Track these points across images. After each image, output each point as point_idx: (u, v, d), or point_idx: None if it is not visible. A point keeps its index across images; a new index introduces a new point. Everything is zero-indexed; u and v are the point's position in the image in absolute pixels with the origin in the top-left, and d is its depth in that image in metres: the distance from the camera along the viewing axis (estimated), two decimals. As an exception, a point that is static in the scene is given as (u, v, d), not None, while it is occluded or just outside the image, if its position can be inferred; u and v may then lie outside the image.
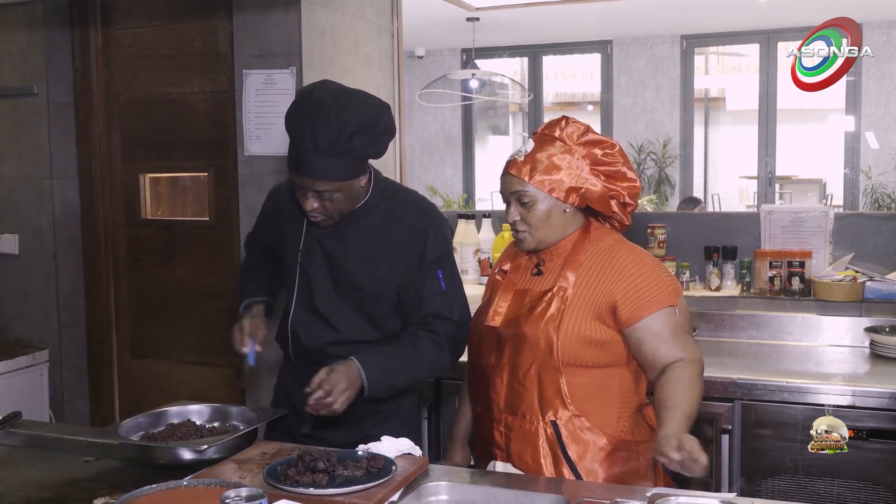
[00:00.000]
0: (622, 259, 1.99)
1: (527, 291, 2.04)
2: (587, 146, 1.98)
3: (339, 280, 2.20)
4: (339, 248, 2.19)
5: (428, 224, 2.20)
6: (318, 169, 2.01)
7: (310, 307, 2.23)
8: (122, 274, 3.81)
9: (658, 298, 1.95)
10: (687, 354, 1.96)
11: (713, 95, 11.44)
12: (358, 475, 1.78)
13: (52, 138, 3.72)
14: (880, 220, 3.46)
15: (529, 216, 1.98)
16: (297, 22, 3.25)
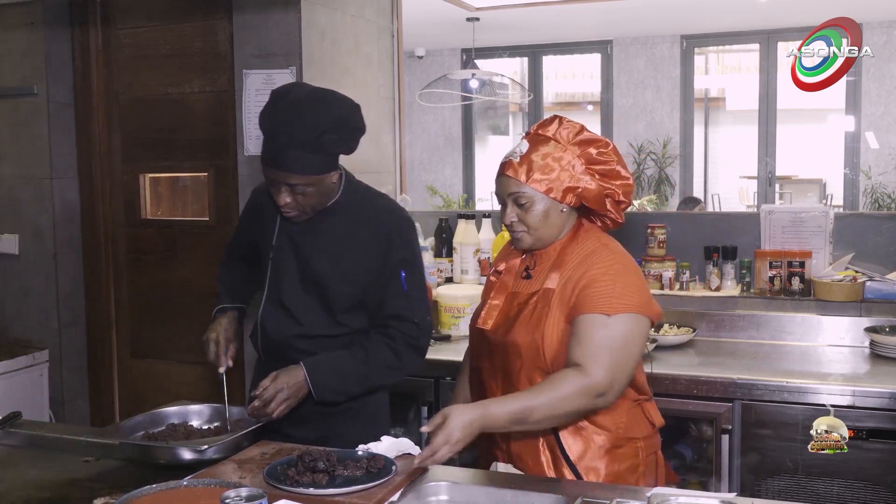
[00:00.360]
0: (596, 258, 1.96)
1: (516, 294, 2.04)
2: (582, 145, 1.98)
3: (305, 275, 2.26)
4: (308, 244, 2.26)
5: (394, 228, 2.26)
6: (292, 163, 2.08)
7: (277, 301, 2.29)
8: (122, 274, 3.81)
9: (603, 303, 1.88)
10: (587, 366, 1.83)
11: (713, 95, 11.44)
12: (358, 475, 1.78)
13: (52, 138, 3.72)
14: (880, 220, 3.46)
15: (527, 217, 1.98)
16: (297, 22, 3.25)
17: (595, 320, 1.87)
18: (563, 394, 1.82)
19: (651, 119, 10.08)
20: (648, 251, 3.54)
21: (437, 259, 3.72)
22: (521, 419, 1.81)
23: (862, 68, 9.08)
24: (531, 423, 1.83)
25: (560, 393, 1.81)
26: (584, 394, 1.83)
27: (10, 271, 3.81)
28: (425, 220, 3.93)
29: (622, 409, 2.01)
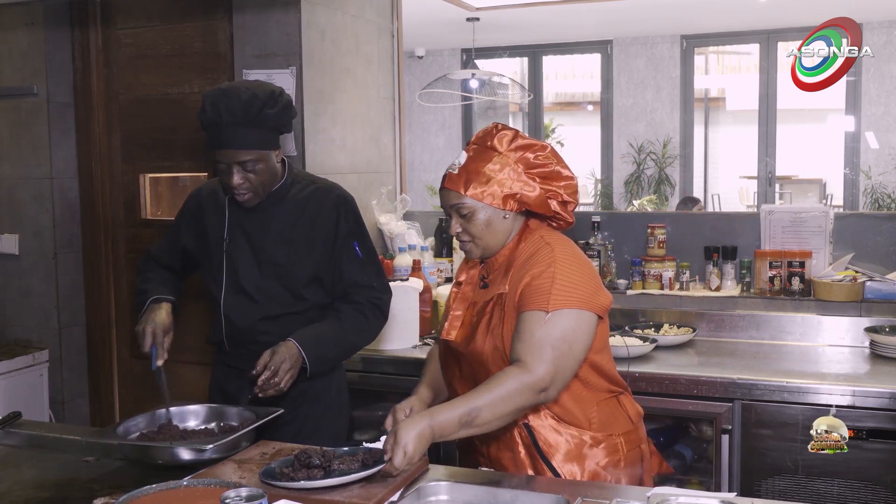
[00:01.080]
0: (539, 255, 1.96)
1: (475, 304, 2.07)
2: (518, 151, 1.99)
3: (261, 260, 2.40)
4: (260, 231, 2.39)
5: (337, 204, 2.44)
6: (239, 139, 2.25)
7: (238, 288, 2.40)
8: (122, 274, 3.81)
9: (535, 299, 1.89)
10: (528, 361, 1.84)
11: (713, 95, 11.44)
12: (353, 467, 1.78)
13: (52, 138, 3.72)
14: (880, 220, 3.46)
15: (471, 227, 2.00)
16: (297, 22, 3.25)
17: (534, 317, 1.88)
18: (507, 392, 1.83)
19: (651, 119, 10.08)
20: (648, 251, 3.54)
21: (437, 259, 3.72)
22: (468, 421, 1.82)
23: (862, 68, 9.08)
24: (480, 425, 1.83)
25: (503, 391, 1.82)
26: (526, 390, 1.84)
27: (10, 271, 3.81)
28: (425, 220, 3.93)
29: (590, 403, 2.00)
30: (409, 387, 3.11)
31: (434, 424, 1.80)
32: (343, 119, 3.55)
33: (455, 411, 1.81)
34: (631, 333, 3.23)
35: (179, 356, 3.64)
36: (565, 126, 11.81)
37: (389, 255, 3.73)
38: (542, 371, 1.84)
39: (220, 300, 2.42)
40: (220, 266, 2.42)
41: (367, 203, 3.73)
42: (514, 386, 1.83)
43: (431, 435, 1.79)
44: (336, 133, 3.51)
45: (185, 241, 2.52)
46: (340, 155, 3.54)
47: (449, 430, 1.81)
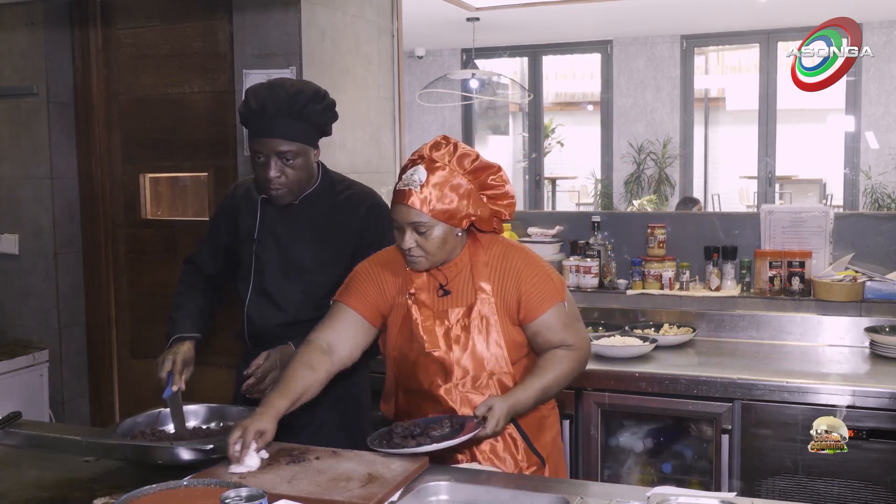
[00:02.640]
0: (516, 262, 2.10)
1: (446, 312, 2.09)
2: (476, 173, 2.05)
3: (288, 264, 2.39)
4: (290, 233, 2.38)
5: (369, 212, 2.41)
6: (283, 129, 2.24)
7: (262, 290, 2.40)
8: (122, 274, 3.82)
9: (550, 297, 2.08)
10: (574, 341, 2.11)
11: (713, 95, 11.45)
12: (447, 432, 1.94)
13: (52, 138, 3.72)
14: (880, 220, 3.46)
15: (426, 243, 2.02)
16: (297, 22, 3.25)
17: (556, 310, 2.09)
18: (568, 369, 2.09)
19: (651, 119, 10.08)
20: (648, 251, 3.55)
21: (437, 259, 3.72)
22: (541, 398, 2.06)
23: (862, 68, 9.08)
24: (545, 401, 2.11)
25: (565, 369, 2.08)
26: (580, 363, 2.13)
27: (10, 271, 3.81)
28: (425, 220, 3.92)
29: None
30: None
31: (518, 404, 1.99)
32: (343, 119, 3.52)
33: (531, 391, 2.02)
34: (631, 333, 3.23)
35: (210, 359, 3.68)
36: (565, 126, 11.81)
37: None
38: (587, 343, 2.16)
39: (246, 300, 2.41)
40: (249, 266, 2.41)
41: (367, 203, 3.73)
42: (572, 364, 2.10)
43: (514, 412, 1.99)
44: (336, 133, 3.49)
45: (225, 239, 2.48)
46: (340, 155, 3.54)
47: (526, 407, 2.03)
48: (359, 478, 1.80)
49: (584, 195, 11.73)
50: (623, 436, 3.08)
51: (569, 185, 12.00)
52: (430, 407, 2.11)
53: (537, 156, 10.95)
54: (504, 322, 2.07)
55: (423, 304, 2.10)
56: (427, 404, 2.12)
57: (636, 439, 3.06)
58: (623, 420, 3.06)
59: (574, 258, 3.63)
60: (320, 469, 1.86)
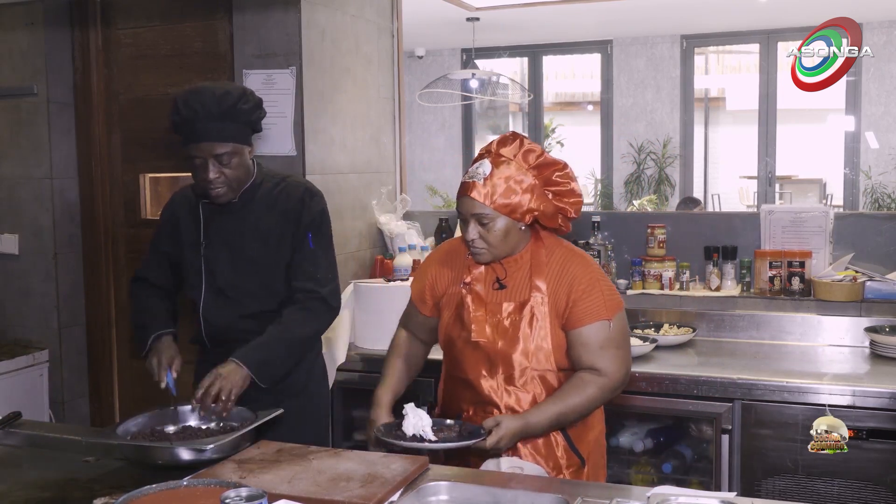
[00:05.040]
0: (574, 270, 2.12)
1: (500, 305, 2.12)
2: (541, 169, 2.08)
3: (237, 259, 2.45)
4: (236, 230, 2.44)
5: (303, 196, 2.47)
6: (216, 132, 2.30)
7: (215, 289, 2.46)
8: (122, 274, 3.81)
9: (595, 312, 2.08)
10: (604, 368, 2.07)
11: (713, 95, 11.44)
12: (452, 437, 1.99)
13: (52, 138, 3.72)
14: (880, 220, 3.46)
15: (489, 236, 2.07)
16: (297, 22, 3.25)
17: (598, 327, 2.08)
18: (590, 396, 2.06)
19: (651, 119, 10.08)
20: (648, 251, 3.55)
21: (437, 259, 3.72)
22: (556, 425, 2.06)
23: (862, 68, 9.07)
24: (564, 425, 2.08)
25: (587, 396, 2.06)
26: (606, 392, 2.09)
27: (10, 271, 3.81)
28: (425, 220, 3.93)
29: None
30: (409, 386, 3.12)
31: (528, 427, 2.02)
32: (343, 119, 3.55)
33: (545, 416, 2.03)
34: (631, 333, 3.22)
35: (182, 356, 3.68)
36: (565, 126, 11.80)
37: (389, 255, 3.74)
38: (619, 374, 2.10)
39: (199, 302, 2.47)
40: (198, 269, 2.47)
41: (367, 203, 3.74)
42: (596, 391, 2.07)
43: (524, 433, 2.02)
44: (336, 133, 3.51)
45: (167, 249, 2.55)
46: (340, 155, 3.54)
47: (539, 432, 2.05)
48: (359, 478, 1.80)
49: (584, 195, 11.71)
50: (623, 436, 3.08)
51: (569, 185, 11.98)
52: (468, 396, 2.14)
53: (537, 156, 10.92)
54: (554, 324, 2.09)
55: (476, 295, 2.13)
56: (466, 393, 2.15)
57: (636, 439, 3.06)
58: (623, 420, 3.06)
59: (574, 258, 3.62)
60: (320, 469, 1.86)
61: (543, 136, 11.15)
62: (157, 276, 2.58)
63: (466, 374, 2.15)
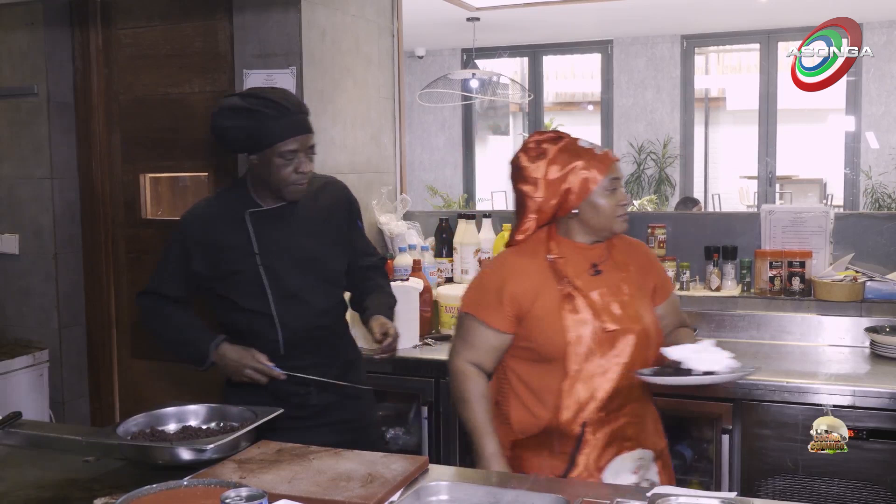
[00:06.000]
0: (643, 248, 2.28)
1: (608, 290, 2.12)
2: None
3: (299, 260, 2.42)
4: (288, 232, 2.42)
5: (345, 189, 2.59)
6: (306, 124, 2.38)
7: (286, 295, 2.41)
8: (122, 274, 3.81)
9: (670, 282, 2.32)
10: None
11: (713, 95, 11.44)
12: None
13: (52, 138, 3.72)
14: (880, 220, 3.46)
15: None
16: (297, 22, 3.25)
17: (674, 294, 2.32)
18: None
19: (651, 119, 10.08)
20: (648, 251, 3.54)
21: (437, 259, 3.72)
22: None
23: (862, 68, 9.07)
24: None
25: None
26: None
27: (10, 271, 3.81)
28: (425, 220, 3.93)
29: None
30: (409, 386, 3.13)
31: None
32: (343, 119, 3.55)
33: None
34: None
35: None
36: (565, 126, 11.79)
37: (390, 255, 3.73)
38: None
39: (271, 311, 2.39)
40: (259, 280, 2.39)
41: (368, 203, 3.73)
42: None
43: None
44: (336, 133, 3.51)
45: (199, 268, 2.42)
46: (340, 155, 3.54)
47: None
48: (359, 478, 1.80)
49: (584, 195, 11.70)
50: (623, 436, 3.07)
51: (569, 185, 11.97)
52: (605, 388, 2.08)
53: (537, 156, 10.92)
54: (648, 298, 2.18)
55: (580, 289, 2.10)
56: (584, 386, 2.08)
57: (636, 439, 3.06)
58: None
59: (574, 258, 3.62)
60: (320, 469, 1.86)
61: (543, 136, 11.12)
62: (174, 291, 2.47)
63: (602, 366, 2.07)
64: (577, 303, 2.08)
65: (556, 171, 2.09)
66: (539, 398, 2.10)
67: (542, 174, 2.09)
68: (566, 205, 2.10)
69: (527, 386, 2.13)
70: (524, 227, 2.15)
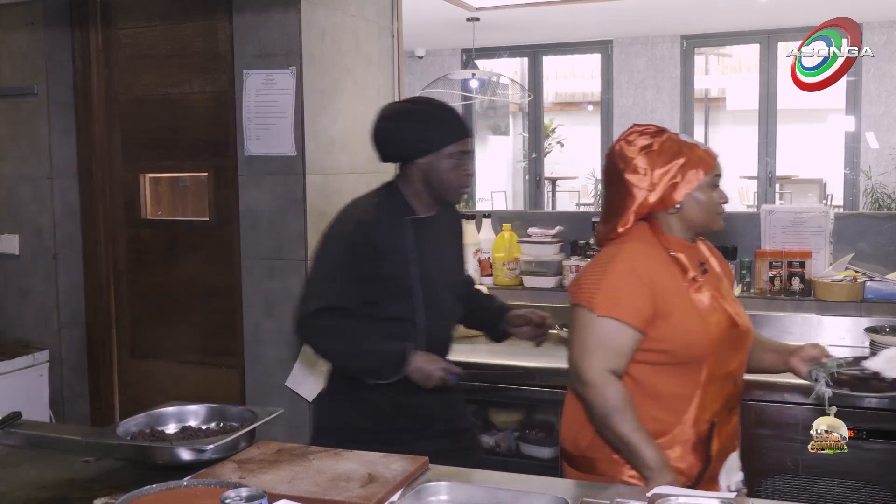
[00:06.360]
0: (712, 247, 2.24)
1: (719, 290, 2.10)
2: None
3: (444, 268, 2.48)
4: (436, 243, 2.47)
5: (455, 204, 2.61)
6: (471, 130, 2.48)
7: (430, 302, 2.41)
8: (122, 274, 3.81)
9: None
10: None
11: (713, 95, 11.45)
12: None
13: (52, 138, 3.72)
14: (880, 220, 3.46)
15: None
16: (297, 22, 3.25)
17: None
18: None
19: (651, 119, 10.02)
20: (648, 251, 3.54)
21: (437, 259, 3.72)
22: None
23: (862, 68, 9.08)
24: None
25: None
26: None
27: (10, 271, 3.81)
28: (425, 220, 3.92)
29: None
30: (409, 387, 3.11)
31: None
32: (343, 119, 3.55)
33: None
34: (631, 333, 3.22)
35: (180, 356, 3.68)
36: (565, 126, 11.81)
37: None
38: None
39: (419, 320, 2.38)
40: (409, 287, 2.36)
41: (367, 203, 3.73)
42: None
43: None
44: (336, 133, 3.51)
45: (361, 274, 2.34)
46: (341, 155, 3.54)
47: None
48: (359, 478, 1.80)
49: (584, 195, 11.73)
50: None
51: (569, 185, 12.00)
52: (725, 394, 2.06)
53: (537, 156, 10.94)
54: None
55: (703, 286, 2.05)
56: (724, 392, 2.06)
57: (636, 439, 3.06)
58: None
59: (574, 258, 3.63)
60: (320, 469, 1.86)
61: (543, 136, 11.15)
62: (350, 301, 2.35)
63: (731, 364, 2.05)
64: (707, 300, 2.02)
65: (662, 164, 2.02)
66: (663, 402, 2.00)
67: (648, 166, 2.03)
68: (669, 199, 2.02)
69: (648, 391, 2.00)
70: (625, 219, 2.05)
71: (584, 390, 1.96)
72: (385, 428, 2.36)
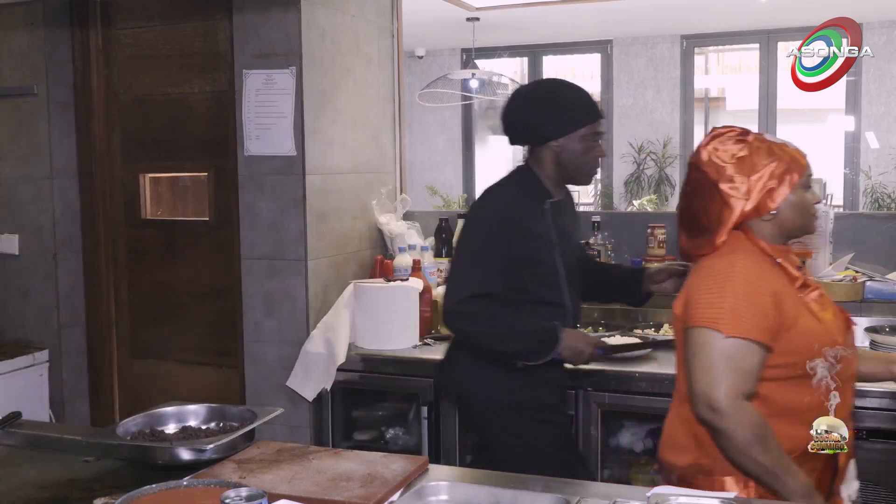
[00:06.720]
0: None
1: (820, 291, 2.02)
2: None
3: (575, 251, 2.58)
4: (567, 225, 2.54)
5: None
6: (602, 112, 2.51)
7: (571, 284, 2.50)
8: (122, 274, 3.81)
9: None
10: None
11: (713, 95, 11.44)
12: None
13: (52, 138, 3.72)
14: (880, 220, 3.46)
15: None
16: (297, 22, 3.25)
17: None
18: None
19: (651, 119, 10.08)
20: (648, 251, 3.54)
21: (437, 259, 3.72)
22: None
23: (862, 68, 9.07)
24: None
25: None
26: None
27: (10, 271, 3.81)
28: (425, 220, 3.93)
29: None
30: (409, 386, 3.13)
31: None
32: (343, 119, 3.55)
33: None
34: (631, 333, 3.23)
35: (180, 356, 3.69)
36: (565, 126, 11.77)
37: (389, 256, 3.73)
38: None
39: (566, 303, 2.46)
40: (554, 270, 2.43)
41: (367, 203, 3.74)
42: None
43: None
44: (336, 133, 3.51)
45: (509, 259, 2.37)
46: (340, 155, 3.54)
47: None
48: (359, 478, 1.80)
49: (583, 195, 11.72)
50: (623, 436, 3.08)
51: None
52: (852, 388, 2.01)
53: (537, 156, 10.93)
54: None
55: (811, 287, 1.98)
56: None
57: (636, 439, 3.06)
58: (623, 420, 3.06)
59: (574, 258, 3.62)
60: (320, 469, 1.86)
61: (543, 136, 11.13)
62: (498, 286, 2.38)
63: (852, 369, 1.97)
64: (817, 303, 1.94)
65: (756, 169, 1.91)
66: (797, 417, 1.90)
67: (743, 173, 1.91)
68: (764, 206, 1.91)
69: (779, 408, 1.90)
70: (723, 231, 1.92)
71: (718, 420, 1.81)
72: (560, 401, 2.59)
